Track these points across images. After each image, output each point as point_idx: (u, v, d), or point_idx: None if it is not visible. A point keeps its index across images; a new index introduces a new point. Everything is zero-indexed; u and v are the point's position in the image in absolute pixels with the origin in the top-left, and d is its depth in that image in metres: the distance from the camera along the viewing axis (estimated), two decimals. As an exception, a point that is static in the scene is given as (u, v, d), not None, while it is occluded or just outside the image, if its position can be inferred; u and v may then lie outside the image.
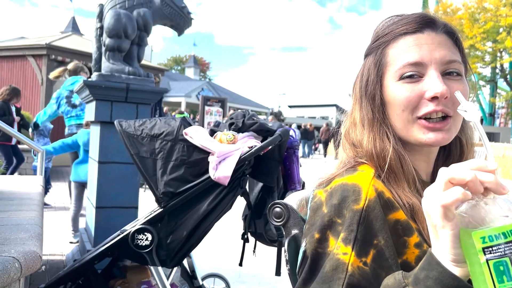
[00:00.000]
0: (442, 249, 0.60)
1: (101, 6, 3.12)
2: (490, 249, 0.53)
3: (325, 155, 20.61)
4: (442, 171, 0.60)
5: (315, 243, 0.76)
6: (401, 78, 0.81)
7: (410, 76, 0.80)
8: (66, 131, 5.09)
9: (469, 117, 0.64)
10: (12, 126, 5.76)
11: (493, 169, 0.58)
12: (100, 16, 3.11)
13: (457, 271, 0.58)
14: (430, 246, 0.64)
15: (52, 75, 5.36)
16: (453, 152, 0.91)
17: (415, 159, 0.86)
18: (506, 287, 0.53)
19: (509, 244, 0.53)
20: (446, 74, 0.80)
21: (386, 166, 0.81)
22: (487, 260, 0.53)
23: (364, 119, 0.87)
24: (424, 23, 0.83)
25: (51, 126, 5.94)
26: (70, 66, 5.30)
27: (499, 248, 0.53)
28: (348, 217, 0.74)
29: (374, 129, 0.85)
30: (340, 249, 0.73)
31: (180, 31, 3.40)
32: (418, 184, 0.82)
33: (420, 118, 0.80)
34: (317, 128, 23.65)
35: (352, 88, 0.94)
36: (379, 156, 0.82)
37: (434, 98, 0.78)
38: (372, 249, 0.72)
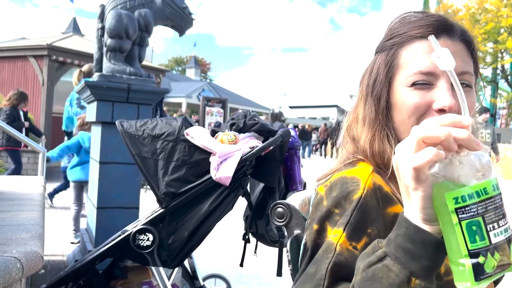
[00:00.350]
0: (413, 209, 0.59)
1: (103, 7, 3.12)
2: (463, 209, 0.53)
3: (324, 156, 20.58)
4: (414, 129, 0.58)
5: (314, 234, 0.78)
6: (413, 84, 0.80)
7: (421, 84, 0.80)
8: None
9: (443, 64, 0.60)
10: (21, 131, 5.80)
11: (467, 124, 0.56)
12: (102, 17, 3.11)
13: (427, 228, 0.58)
14: None
15: (73, 80, 5.46)
16: None
17: None
18: (478, 246, 0.52)
19: (481, 203, 0.53)
20: None
21: (387, 167, 0.80)
22: (459, 221, 0.53)
23: (366, 118, 0.87)
24: (442, 28, 0.82)
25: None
26: (84, 68, 5.35)
27: (472, 208, 0.53)
28: (348, 207, 0.75)
29: (374, 129, 0.85)
30: (332, 233, 0.75)
31: (181, 32, 3.40)
32: None
33: None
34: (317, 129, 23.64)
35: (359, 82, 0.93)
36: (376, 156, 0.82)
37: (441, 110, 0.78)
38: (365, 236, 0.73)
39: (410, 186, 0.57)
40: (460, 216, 0.53)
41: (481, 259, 0.52)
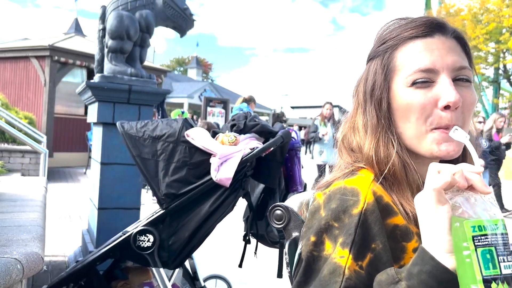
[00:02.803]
0: (436, 241, 0.62)
1: (104, 8, 3.13)
2: (479, 237, 0.58)
3: (312, 156, 20.34)
4: (432, 164, 0.65)
5: (311, 246, 0.76)
6: (413, 84, 0.79)
7: (422, 82, 0.78)
8: None
9: (459, 136, 0.71)
10: None
11: (479, 171, 0.64)
12: (103, 18, 3.12)
13: (450, 261, 0.60)
14: None
15: (236, 104, 6.29)
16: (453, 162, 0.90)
17: (419, 166, 0.83)
18: (491, 274, 0.56)
19: (495, 236, 0.58)
20: (457, 80, 0.79)
21: (390, 173, 0.80)
22: (475, 247, 0.57)
23: (368, 125, 0.84)
24: (434, 27, 0.81)
25: None
26: (246, 96, 6.40)
27: (486, 238, 0.58)
28: (347, 222, 0.74)
29: (378, 135, 0.83)
30: (337, 253, 0.72)
31: (182, 33, 3.41)
32: None
33: (434, 129, 0.79)
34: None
35: (354, 92, 0.91)
36: (382, 162, 0.81)
37: (446, 107, 0.77)
38: (369, 253, 0.72)
39: (432, 210, 0.62)
40: (476, 243, 0.58)
41: (493, 286, 0.56)
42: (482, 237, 0.58)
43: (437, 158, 0.80)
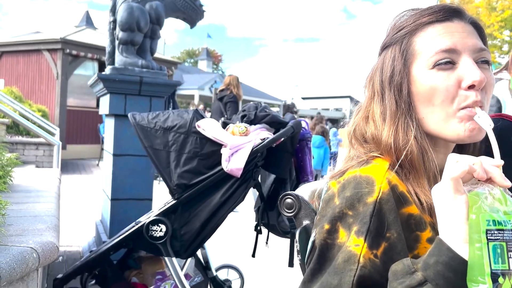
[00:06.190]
0: (453, 231, 0.61)
1: (114, 0, 3.14)
2: (492, 232, 0.59)
3: None
4: (451, 155, 0.64)
5: (325, 234, 0.76)
6: (436, 65, 0.78)
7: (445, 63, 0.78)
8: None
9: (483, 123, 0.72)
10: None
11: (498, 163, 0.63)
12: (113, 10, 3.13)
13: (467, 252, 0.60)
14: None
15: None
16: (467, 147, 0.89)
17: (436, 154, 0.83)
18: (500, 268, 0.58)
19: (508, 232, 0.59)
20: (477, 62, 0.79)
21: (407, 160, 0.79)
22: (487, 241, 0.58)
23: (386, 112, 0.83)
24: (453, 12, 0.82)
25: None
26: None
27: (499, 233, 0.59)
28: (361, 210, 0.73)
29: (396, 121, 0.82)
30: (352, 241, 0.72)
31: (192, 24, 3.41)
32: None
33: (461, 109, 0.78)
34: (331, 121, 23.46)
35: (367, 82, 0.90)
36: (400, 149, 0.80)
37: (471, 86, 0.76)
38: (384, 241, 0.72)
39: (450, 200, 0.62)
40: (488, 237, 0.58)
41: (500, 280, 0.57)
42: (495, 232, 0.58)
43: (462, 140, 0.79)
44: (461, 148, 0.89)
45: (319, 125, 7.43)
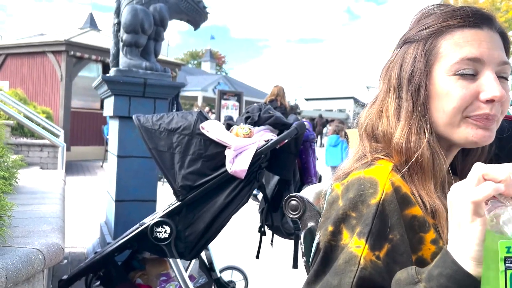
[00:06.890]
0: (463, 247, 0.59)
1: (118, 2, 3.15)
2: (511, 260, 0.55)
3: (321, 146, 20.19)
4: (477, 165, 0.59)
5: (328, 236, 0.76)
6: (457, 73, 0.77)
7: (468, 75, 0.77)
8: None
9: None
10: None
11: None
12: (118, 12, 3.15)
13: (473, 270, 0.58)
14: (445, 243, 0.64)
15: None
16: (473, 151, 0.89)
17: (447, 156, 0.82)
18: None
19: None
20: (499, 76, 0.78)
21: (418, 163, 0.78)
22: (506, 269, 0.54)
23: (401, 111, 0.82)
24: (484, 19, 0.79)
25: None
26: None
27: None
28: (364, 212, 0.73)
29: (411, 122, 0.81)
30: (354, 243, 0.72)
31: (196, 26, 3.42)
32: (446, 185, 0.79)
33: (469, 117, 0.77)
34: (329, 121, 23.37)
35: (383, 74, 0.88)
36: (411, 151, 0.79)
37: (489, 101, 0.75)
38: (386, 243, 0.71)
39: (467, 219, 0.58)
40: (507, 265, 0.54)
41: None
42: None
43: (471, 143, 0.79)
44: (468, 149, 0.89)
45: (334, 124, 7.41)
